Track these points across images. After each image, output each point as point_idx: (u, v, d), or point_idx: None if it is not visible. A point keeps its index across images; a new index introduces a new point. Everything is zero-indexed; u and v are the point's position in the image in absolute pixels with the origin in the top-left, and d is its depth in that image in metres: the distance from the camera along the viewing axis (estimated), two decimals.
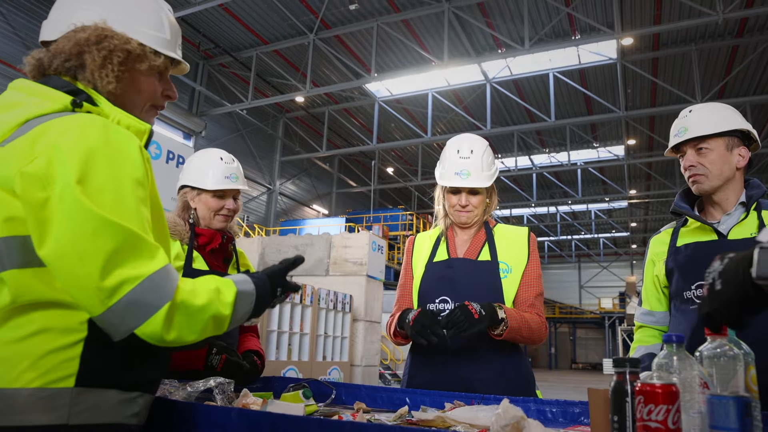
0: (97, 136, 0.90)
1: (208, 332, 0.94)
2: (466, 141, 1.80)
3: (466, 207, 1.76)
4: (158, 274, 0.88)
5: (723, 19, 9.74)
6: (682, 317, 1.64)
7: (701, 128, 1.61)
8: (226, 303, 0.96)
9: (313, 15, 12.36)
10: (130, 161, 0.92)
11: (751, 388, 0.88)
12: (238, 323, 1.01)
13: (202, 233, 1.83)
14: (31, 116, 0.93)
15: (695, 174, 1.62)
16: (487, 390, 1.53)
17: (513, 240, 1.79)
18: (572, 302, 33.05)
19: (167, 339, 0.89)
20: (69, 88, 0.99)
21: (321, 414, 1.31)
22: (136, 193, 0.91)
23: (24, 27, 10.62)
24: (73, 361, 0.88)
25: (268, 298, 1.08)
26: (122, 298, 0.84)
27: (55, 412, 0.85)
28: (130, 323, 0.86)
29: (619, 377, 0.84)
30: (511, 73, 14.40)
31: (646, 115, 15.20)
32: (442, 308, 1.71)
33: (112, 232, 0.85)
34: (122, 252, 0.85)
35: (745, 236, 1.57)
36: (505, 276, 1.72)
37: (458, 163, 1.75)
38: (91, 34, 1.01)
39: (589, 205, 25.41)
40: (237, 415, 1.00)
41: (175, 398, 1.23)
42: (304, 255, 7.90)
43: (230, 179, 1.87)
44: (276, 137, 18.03)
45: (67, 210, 0.84)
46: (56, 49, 1.02)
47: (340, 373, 7.40)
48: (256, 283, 1.05)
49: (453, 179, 1.74)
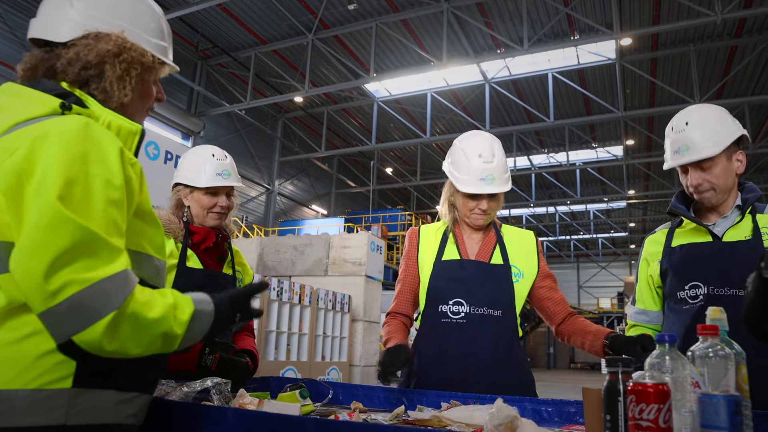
0: (76, 134, 0.89)
1: (154, 348, 0.90)
2: (487, 144, 1.73)
3: (486, 211, 1.73)
4: (110, 280, 0.84)
5: (721, 20, 9.75)
6: (675, 317, 1.65)
7: (704, 149, 1.57)
8: (180, 322, 0.92)
9: (311, 15, 12.36)
10: (105, 162, 0.90)
11: (742, 387, 0.89)
12: (190, 343, 0.96)
13: (196, 231, 1.82)
14: (18, 120, 0.92)
15: (702, 191, 1.61)
16: (500, 386, 1.55)
17: (522, 244, 1.81)
18: (571, 302, 32.79)
19: (107, 349, 0.84)
20: (58, 91, 0.98)
21: (318, 414, 1.31)
22: (107, 194, 0.89)
23: (21, 27, 10.60)
24: (69, 362, 0.88)
25: (227, 321, 1.03)
26: (64, 300, 0.81)
27: (53, 413, 0.85)
28: (69, 328, 0.82)
29: (611, 377, 0.85)
30: (510, 74, 14.41)
31: (644, 116, 15.21)
32: (455, 310, 1.69)
33: (69, 229, 0.82)
34: (75, 251, 0.82)
35: (739, 239, 1.58)
36: (517, 280, 1.73)
37: (482, 169, 1.68)
38: (113, 47, 1.01)
39: (587, 205, 25.42)
40: (233, 415, 1.01)
41: (172, 398, 1.24)
42: (302, 255, 7.96)
43: (222, 176, 1.86)
44: (275, 137, 18.02)
45: (36, 202, 0.83)
46: (75, 56, 1.00)
47: (338, 374, 7.40)
48: (217, 304, 1.01)
49: (478, 185, 1.68)
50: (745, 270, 1.55)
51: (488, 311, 1.68)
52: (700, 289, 1.59)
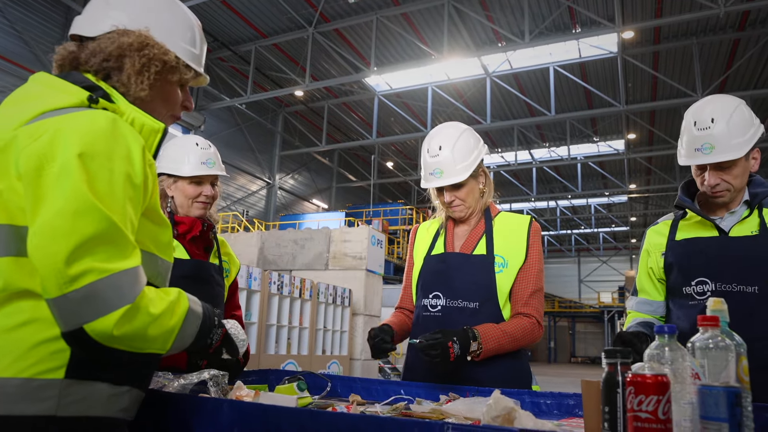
0: (103, 126, 0.91)
1: (157, 345, 0.91)
2: (435, 138, 1.74)
3: (453, 203, 1.73)
4: (126, 273, 0.85)
5: (724, 13, 9.68)
6: (681, 313, 1.62)
7: (729, 150, 1.51)
8: (178, 315, 0.94)
9: (312, 8, 12.31)
10: (129, 159, 0.92)
11: (743, 379, 0.88)
12: (179, 347, 0.97)
13: (181, 221, 1.80)
14: (46, 109, 0.93)
15: (719, 191, 1.57)
16: (483, 381, 1.53)
17: (512, 231, 1.73)
18: (572, 296, 33.09)
19: (115, 342, 0.85)
20: (87, 83, 1.00)
21: (315, 406, 1.31)
22: (127, 191, 0.90)
23: (21, 21, 10.57)
24: (63, 352, 0.87)
25: (209, 327, 1.03)
26: (81, 287, 0.81)
27: (44, 403, 0.85)
28: (82, 316, 0.82)
29: (610, 368, 0.84)
30: (511, 67, 14.35)
31: (646, 109, 15.16)
32: (434, 304, 1.69)
33: (96, 218, 0.84)
34: (98, 240, 0.83)
35: (746, 234, 1.56)
36: (500, 270, 1.66)
37: (429, 163, 1.71)
38: (135, 40, 1.03)
39: (588, 199, 25.40)
40: (229, 406, 1.00)
41: (169, 390, 1.24)
42: (303, 249, 7.98)
43: (207, 165, 1.84)
44: (275, 131, 18.00)
45: (60, 187, 0.84)
46: (97, 47, 1.03)
47: (339, 367, 7.42)
48: (203, 306, 1.03)
49: (429, 180, 1.72)
50: (752, 266, 1.54)
51: (463, 303, 1.65)
52: (708, 285, 1.56)
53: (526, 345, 1.64)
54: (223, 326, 1.12)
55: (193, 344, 1.00)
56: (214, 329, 1.05)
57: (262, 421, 0.96)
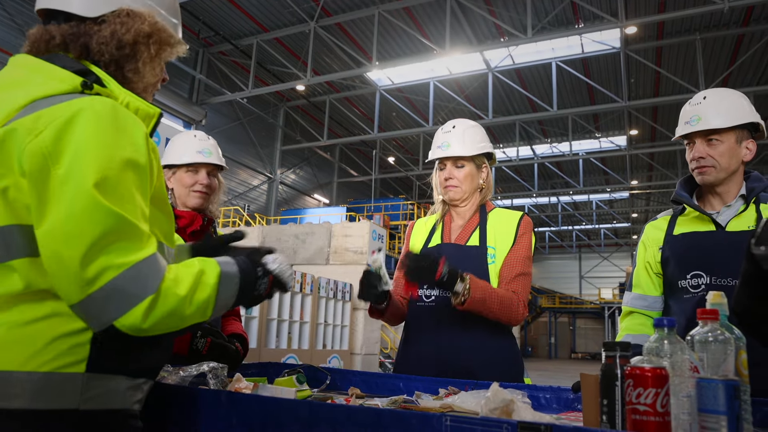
0: (104, 116, 0.87)
1: (193, 320, 0.90)
2: (452, 121, 1.87)
3: (451, 180, 1.79)
4: (144, 263, 0.84)
5: (728, 8, 9.62)
6: (676, 306, 1.63)
7: (715, 120, 1.57)
8: (208, 284, 0.91)
9: (313, 2, 12.25)
10: (134, 147, 0.90)
11: (742, 372, 0.88)
12: (222, 309, 0.95)
13: (182, 215, 1.81)
14: (36, 97, 0.88)
15: (703, 166, 1.60)
16: (474, 370, 1.56)
17: (503, 224, 1.78)
18: (572, 292, 33.10)
19: (148, 331, 0.85)
20: (77, 68, 0.94)
21: (314, 399, 1.31)
22: (135, 180, 0.89)
23: (20, 13, 10.53)
24: (83, 346, 0.87)
25: (252, 281, 1.00)
26: (104, 285, 0.81)
27: (66, 396, 0.84)
28: (110, 314, 0.82)
29: (608, 360, 0.84)
30: (514, 62, 14.29)
31: (649, 105, 15.08)
32: (428, 294, 1.74)
33: (103, 217, 0.82)
34: (109, 238, 0.82)
35: (743, 228, 1.56)
36: (492, 261, 1.71)
37: (440, 138, 1.83)
38: (147, 26, 0.99)
39: (590, 195, 25.34)
40: (227, 398, 1.00)
41: (169, 382, 1.24)
42: (304, 244, 7.96)
43: (203, 154, 1.87)
44: (277, 126, 17.96)
45: (68, 190, 0.82)
46: (110, 35, 0.97)
47: (340, 362, 7.44)
48: (239, 262, 0.99)
49: (435, 152, 1.82)
50: None
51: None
52: (702, 279, 1.57)
53: (507, 318, 1.64)
54: (269, 273, 1.04)
55: (237, 302, 0.98)
56: (258, 281, 1.02)
57: (260, 413, 0.96)
